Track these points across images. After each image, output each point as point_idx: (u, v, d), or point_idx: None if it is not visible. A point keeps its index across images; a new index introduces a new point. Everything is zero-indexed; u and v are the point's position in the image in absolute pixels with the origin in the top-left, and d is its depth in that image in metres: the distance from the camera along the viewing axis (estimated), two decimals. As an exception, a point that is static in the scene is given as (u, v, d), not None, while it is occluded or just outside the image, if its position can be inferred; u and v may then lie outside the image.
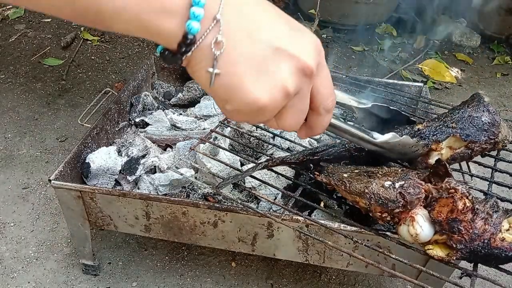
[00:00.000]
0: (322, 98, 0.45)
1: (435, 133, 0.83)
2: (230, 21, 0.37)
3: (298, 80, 0.41)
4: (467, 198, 0.63)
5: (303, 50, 0.41)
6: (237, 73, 0.38)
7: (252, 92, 0.39)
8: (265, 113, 0.41)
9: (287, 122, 0.45)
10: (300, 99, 0.43)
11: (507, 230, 0.64)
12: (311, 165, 0.93)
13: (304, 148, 1.14)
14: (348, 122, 0.65)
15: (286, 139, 1.19)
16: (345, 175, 0.78)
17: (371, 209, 0.71)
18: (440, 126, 0.85)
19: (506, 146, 0.91)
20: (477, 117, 0.85)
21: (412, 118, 0.91)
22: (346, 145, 0.87)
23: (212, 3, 0.36)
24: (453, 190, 0.63)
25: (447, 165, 0.67)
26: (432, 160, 0.80)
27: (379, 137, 0.69)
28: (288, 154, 1.29)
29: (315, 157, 0.89)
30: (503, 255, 0.62)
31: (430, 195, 0.67)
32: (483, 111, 0.87)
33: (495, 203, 0.66)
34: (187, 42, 0.37)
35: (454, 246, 0.63)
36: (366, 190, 0.71)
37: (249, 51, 0.38)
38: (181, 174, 1.03)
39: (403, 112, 0.89)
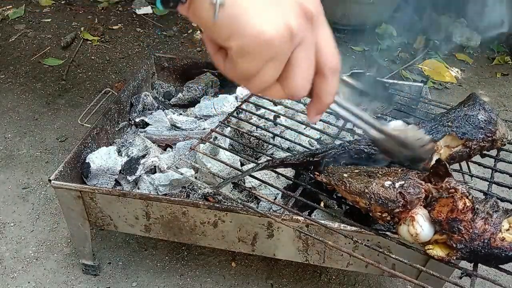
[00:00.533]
0: (326, 57, 0.43)
1: (431, 132, 0.84)
2: None
3: (301, 22, 0.39)
4: (467, 198, 0.63)
5: None
6: (242, 3, 0.37)
7: (258, 23, 0.37)
8: (271, 53, 0.39)
9: (294, 81, 0.41)
10: (305, 50, 0.41)
11: (507, 230, 0.64)
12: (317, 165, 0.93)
13: (304, 149, 1.14)
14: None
15: (286, 139, 1.19)
16: (345, 175, 0.78)
17: (371, 209, 0.71)
18: (436, 126, 0.85)
19: (505, 144, 0.91)
20: (472, 115, 0.86)
21: (387, 85, 0.89)
22: (346, 147, 0.87)
23: None
24: (453, 190, 0.63)
25: (447, 165, 0.67)
26: (431, 161, 0.80)
27: (387, 124, 0.64)
28: (288, 154, 1.29)
29: (315, 159, 0.89)
30: (503, 254, 0.62)
31: (430, 195, 0.67)
32: (478, 109, 0.87)
33: (495, 203, 0.66)
34: None
35: (454, 246, 0.63)
36: (366, 190, 0.71)
37: None
38: (181, 174, 1.03)
39: (380, 80, 0.87)
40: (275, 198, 1.28)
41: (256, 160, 1.32)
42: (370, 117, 0.59)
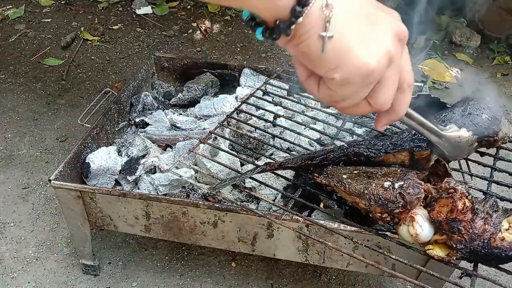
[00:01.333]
0: (406, 74, 0.45)
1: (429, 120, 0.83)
2: None
3: (397, 45, 0.41)
4: (466, 198, 0.63)
5: (395, 19, 0.42)
6: (348, 35, 0.39)
7: (363, 56, 0.39)
8: (371, 80, 0.41)
9: (382, 95, 0.44)
10: (395, 69, 0.43)
11: (507, 229, 0.64)
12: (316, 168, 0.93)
13: (303, 149, 1.14)
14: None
15: (286, 140, 1.19)
16: (344, 176, 0.78)
17: (371, 209, 0.71)
18: (440, 123, 0.85)
19: (505, 143, 0.90)
20: (477, 114, 0.85)
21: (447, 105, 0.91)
22: (345, 150, 0.87)
23: None
24: (452, 190, 0.63)
25: (447, 165, 0.67)
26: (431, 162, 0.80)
27: (444, 129, 0.69)
28: (287, 155, 1.29)
29: (313, 162, 0.89)
30: (503, 254, 0.62)
31: (430, 195, 0.67)
32: (483, 108, 0.86)
33: (494, 203, 0.66)
34: (301, 2, 0.37)
35: (454, 246, 0.63)
36: (366, 191, 0.71)
37: (356, 12, 0.39)
38: (180, 176, 1.02)
39: (442, 101, 0.90)
40: (275, 199, 1.28)
41: (255, 161, 1.32)
42: (433, 124, 0.65)
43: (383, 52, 0.40)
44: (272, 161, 0.95)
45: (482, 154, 0.98)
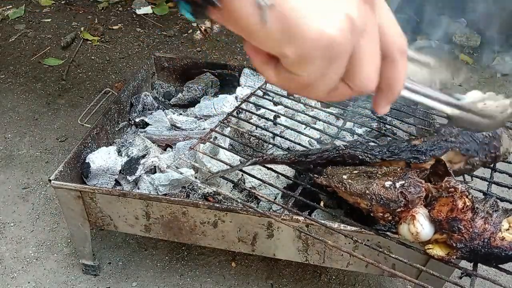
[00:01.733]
0: (392, 38, 0.37)
1: (432, 147, 0.81)
2: None
3: (362, 8, 0.33)
4: (467, 197, 0.63)
5: None
6: (292, 2, 0.31)
7: (316, 23, 0.31)
8: (334, 53, 0.33)
9: (362, 75, 0.35)
10: (369, 39, 0.34)
11: (507, 229, 0.65)
12: (311, 165, 0.93)
13: (304, 148, 1.14)
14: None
15: (286, 139, 1.19)
16: (344, 176, 0.78)
17: (373, 209, 0.71)
18: (438, 141, 0.83)
19: (507, 158, 0.90)
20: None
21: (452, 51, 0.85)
22: (340, 151, 0.86)
23: None
24: (453, 189, 0.63)
25: (447, 164, 0.67)
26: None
27: (463, 97, 0.56)
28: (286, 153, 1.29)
29: (307, 159, 0.88)
30: (503, 254, 0.62)
31: (430, 195, 0.67)
32: None
33: (494, 203, 0.66)
34: None
35: (454, 245, 0.63)
36: (367, 191, 0.71)
37: None
38: (181, 173, 1.03)
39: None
40: (275, 198, 1.28)
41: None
42: (445, 95, 0.53)
43: (342, 17, 0.32)
44: (265, 155, 0.95)
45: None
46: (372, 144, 0.97)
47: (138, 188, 1.36)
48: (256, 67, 0.37)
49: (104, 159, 1.35)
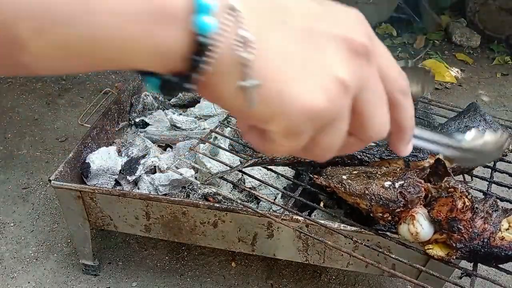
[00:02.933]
0: (393, 81, 0.34)
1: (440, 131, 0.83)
2: (250, 8, 0.26)
3: (353, 64, 0.30)
4: (466, 197, 0.63)
5: (346, 27, 0.30)
6: (279, 78, 0.28)
7: (302, 95, 0.28)
8: (328, 121, 0.30)
9: (371, 128, 0.33)
10: (371, 90, 0.32)
11: (507, 229, 0.65)
12: (309, 166, 0.93)
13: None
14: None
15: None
16: (344, 177, 0.78)
17: (372, 210, 0.71)
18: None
19: (506, 155, 0.90)
20: (473, 127, 0.85)
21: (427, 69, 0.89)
22: None
23: None
24: (452, 189, 0.63)
25: (446, 164, 0.67)
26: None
27: (463, 139, 0.57)
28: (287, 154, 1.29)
29: (305, 160, 0.89)
30: (503, 254, 0.62)
31: (430, 195, 0.67)
32: (479, 120, 0.86)
33: (494, 203, 0.67)
34: (201, 49, 0.25)
35: (454, 245, 0.63)
36: (367, 192, 0.71)
37: (285, 44, 0.28)
38: (181, 174, 1.03)
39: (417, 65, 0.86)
40: (275, 198, 1.28)
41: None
42: (446, 138, 0.53)
43: (331, 83, 0.29)
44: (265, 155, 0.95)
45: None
46: (371, 143, 0.97)
47: (138, 188, 1.36)
48: (242, 134, 0.34)
49: (104, 159, 1.35)
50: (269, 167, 1.01)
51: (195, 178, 1.33)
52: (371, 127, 0.33)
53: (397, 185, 0.68)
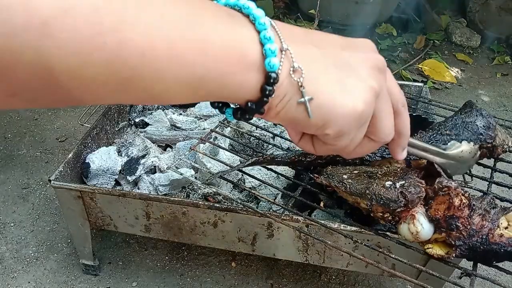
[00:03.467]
0: (396, 95, 0.45)
1: (429, 142, 0.83)
2: (294, 46, 0.36)
3: (377, 77, 0.40)
4: (463, 195, 0.63)
5: (366, 50, 0.41)
6: (325, 91, 0.37)
7: (347, 102, 0.37)
8: (363, 120, 0.40)
9: (382, 130, 0.43)
10: (384, 100, 0.42)
11: (506, 228, 0.65)
12: (310, 165, 0.93)
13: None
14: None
15: (286, 139, 1.19)
16: (345, 176, 0.78)
17: (373, 209, 0.71)
18: (434, 135, 0.85)
19: (506, 151, 0.91)
20: (471, 122, 0.85)
21: (430, 120, 0.93)
22: None
23: (272, 35, 0.35)
24: (446, 189, 0.63)
25: (436, 166, 0.67)
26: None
27: (447, 148, 0.72)
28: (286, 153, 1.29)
29: (307, 159, 0.89)
30: (502, 250, 0.62)
31: (428, 195, 0.67)
32: (476, 115, 0.86)
33: (492, 200, 0.67)
34: (270, 81, 0.34)
35: (453, 243, 0.64)
36: (367, 191, 0.71)
37: (325, 65, 0.37)
38: (181, 174, 1.03)
39: (423, 117, 0.91)
40: (275, 198, 1.28)
41: (256, 160, 1.32)
42: (435, 147, 0.67)
43: (366, 90, 0.39)
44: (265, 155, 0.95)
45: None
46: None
47: (138, 188, 1.36)
48: (294, 141, 0.45)
49: (104, 159, 1.35)
50: (269, 167, 1.01)
51: (195, 178, 1.33)
52: (383, 129, 0.43)
53: (398, 185, 0.68)
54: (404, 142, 0.49)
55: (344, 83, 0.38)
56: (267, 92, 0.35)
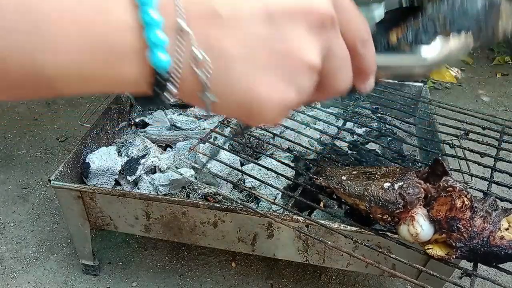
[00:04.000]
0: (354, 31, 0.34)
1: (417, 34, 0.64)
2: (196, 19, 0.25)
3: (320, 39, 0.29)
4: (465, 196, 0.63)
5: (303, 3, 0.28)
6: (241, 84, 0.28)
7: (272, 96, 0.29)
8: (300, 101, 0.31)
9: (335, 87, 0.34)
10: (334, 55, 0.32)
11: (507, 229, 0.64)
12: (311, 165, 0.93)
13: (304, 149, 1.14)
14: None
15: (286, 139, 1.19)
16: (343, 177, 0.78)
17: (372, 211, 0.71)
18: (425, 23, 0.67)
19: (507, 36, 0.76)
20: (470, 5, 0.69)
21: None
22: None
23: (165, 8, 0.24)
24: (451, 189, 0.63)
25: (444, 164, 0.67)
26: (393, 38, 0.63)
27: (429, 54, 0.53)
28: (287, 154, 1.29)
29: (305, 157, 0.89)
30: (502, 253, 0.62)
31: (429, 195, 0.67)
32: None
33: (493, 202, 0.67)
34: (159, 81, 0.26)
35: (454, 244, 0.63)
36: (366, 193, 0.71)
37: (241, 46, 0.27)
38: (181, 174, 1.03)
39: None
40: (275, 198, 1.28)
41: (256, 160, 1.32)
42: (406, 57, 0.52)
43: (299, 69, 0.29)
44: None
45: (482, 155, 0.98)
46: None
47: (138, 188, 1.36)
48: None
49: (104, 159, 1.35)
50: (269, 167, 1.01)
51: (195, 178, 1.32)
52: (336, 86, 0.34)
53: (396, 186, 0.68)
54: (367, 78, 0.39)
55: (270, 63, 0.28)
56: (158, 91, 0.27)
